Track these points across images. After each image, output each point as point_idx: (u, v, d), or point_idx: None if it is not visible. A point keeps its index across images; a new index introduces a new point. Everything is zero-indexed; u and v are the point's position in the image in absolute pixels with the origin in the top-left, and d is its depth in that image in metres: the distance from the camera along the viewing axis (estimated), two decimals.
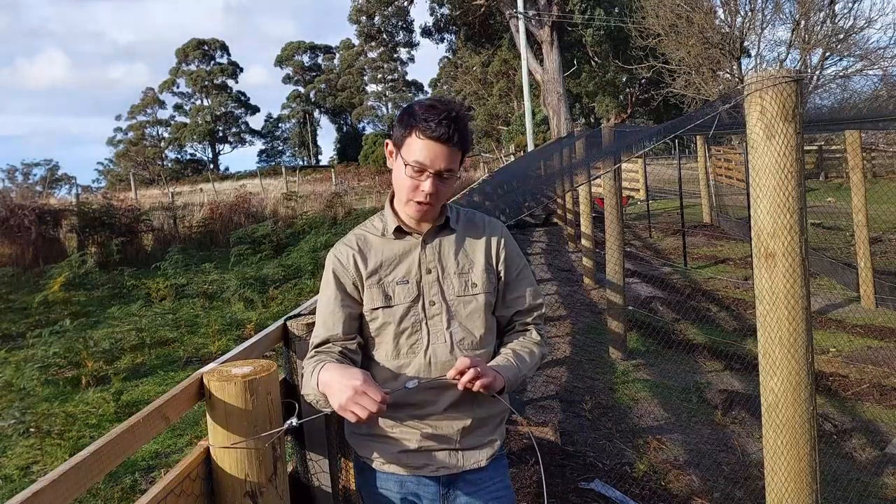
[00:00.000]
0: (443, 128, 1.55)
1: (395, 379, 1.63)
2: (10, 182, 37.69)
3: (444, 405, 1.63)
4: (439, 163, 1.58)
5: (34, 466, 4.49)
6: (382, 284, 1.65)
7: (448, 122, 1.56)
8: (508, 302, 1.74)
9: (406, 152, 1.60)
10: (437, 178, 1.59)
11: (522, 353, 1.69)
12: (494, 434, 1.73)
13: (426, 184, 1.58)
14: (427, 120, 1.56)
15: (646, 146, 4.60)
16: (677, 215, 11.66)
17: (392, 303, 1.64)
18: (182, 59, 64.57)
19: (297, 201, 18.52)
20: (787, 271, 1.88)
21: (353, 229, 1.76)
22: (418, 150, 1.57)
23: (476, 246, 1.71)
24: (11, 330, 8.35)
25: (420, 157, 1.57)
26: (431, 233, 1.68)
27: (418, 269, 1.66)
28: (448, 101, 1.62)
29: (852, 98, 16.02)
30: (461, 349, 1.64)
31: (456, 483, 1.69)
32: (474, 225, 1.74)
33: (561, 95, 26.97)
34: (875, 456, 4.07)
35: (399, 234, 1.68)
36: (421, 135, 1.56)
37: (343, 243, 1.71)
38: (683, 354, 5.92)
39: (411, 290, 1.65)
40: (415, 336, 1.64)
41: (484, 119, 45.43)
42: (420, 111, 1.58)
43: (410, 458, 1.66)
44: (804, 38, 17.91)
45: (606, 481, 3.51)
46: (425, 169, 1.58)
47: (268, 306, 8.44)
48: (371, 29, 37.20)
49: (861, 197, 7.40)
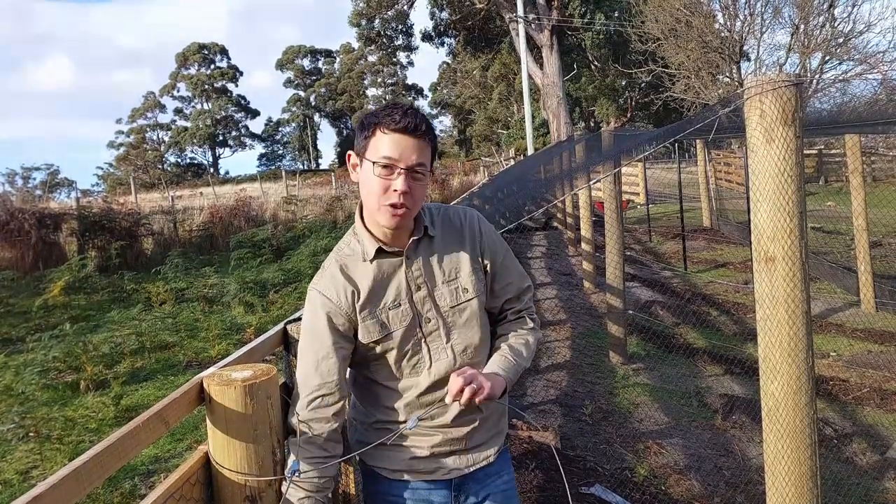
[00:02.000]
0: (408, 117, 1.48)
1: (399, 397, 1.61)
2: (10, 186, 37.66)
3: (453, 415, 1.62)
4: (409, 155, 1.48)
5: (34, 471, 4.48)
6: (376, 314, 1.56)
7: (412, 113, 1.50)
8: (497, 292, 1.70)
9: (372, 152, 1.50)
10: (410, 174, 1.49)
11: (519, 348, 1.67)
12: (499, 425, 1.74)
13: (398, 182, 1.48)
14: (390, 114, 1.49)
15: (646, 150, 4.61)
16: (677, 219, 11.67)
17: (389, 330, 1.57)
18: (182, 63, 64.67)
19: (298, 205, 18.51)
20: (787, 275, 1.88)
21: (330, 257, 1.63)
22: (385, 145, 1.48)
23: (458, 247, 1.64)
24: (11, 334, 8.34)
25: (388, 152, 1.48)
26: (412, 247, 1.59)
27: (408, 289, 1.58)
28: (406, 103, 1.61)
29: (852, 102, 16.04)
30: (464, 358, 1.62)
31: (466, 483, 1.69)
32: (451, 224, 1.66)
33: (561, 99, 27.01)
34: (876, 460, 4.06)
35: (380, 254, 1.57)
36: (386, 129, 1.48)
37: (327, 276, 1.59)
38: (684, 358, 5.91)
39: (405, 312, 1.57)
40: (416, 357, 1.60)
41: (484, 123, 45.50)
42: (380, 110, 1.52)
43: (421, 464, 1.65)
44: (803, 42, 17.95)
45: (607, 486, 3.50)
46: (395, 165, 1.48)
47: (268, 310, 8.44)
48: (371, 33, 37.19)
49: (861, 201, 7.40)
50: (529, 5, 26.06)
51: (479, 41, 33.95)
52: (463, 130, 54.83)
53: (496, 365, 1.63)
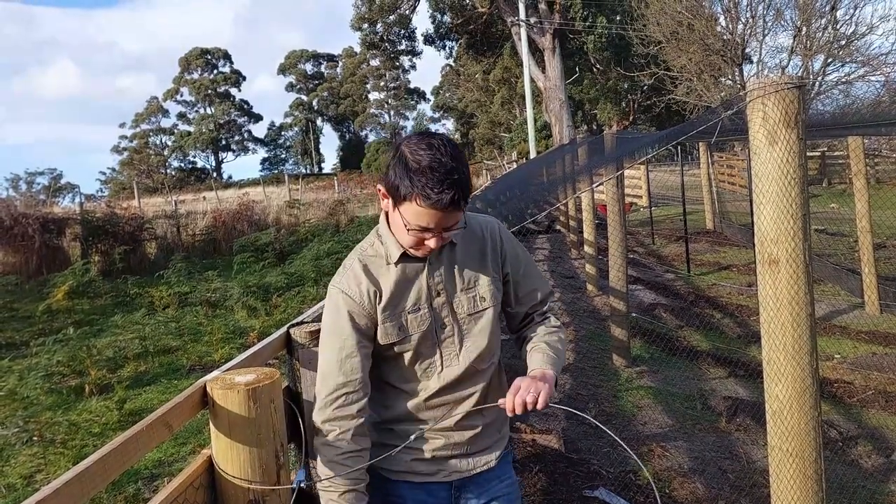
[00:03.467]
0: (446, 196, 1.43)
1: (408, 398, 1.63)
2: (14, 191, 37.83)
3: (457, 419, 1.64)
4: (444, 223, 1.49)
5: (38, 475, 4.49)
6: (396, 316, 1.58)
7: (450, 187, 1.43)
8: (522, 299, 1.73)
9: (407, 214, 1.48)
10: (444, 232, 1.51)
11: (556, 344, 1.67)
12: (502, 431, 1.76)
13: (431, 241, 1.51)
14: (427, 187, 1.43)
15: (648, 153, 4.61)
16: (680, 222, 11.65)
17: (408, 333, 1.59)
18: (185, 67, 64.84)
19: (300, 209, 18.54)
20: (790, 277, 1.87)
21: (352, 256, 1.64)
22: (420, 217, 1.47)
23: (479, 255, 1.66)
24: (15, 338, 8.36)
25: (423, 223, 1.48)
26: (435, 254, 1.60)
27: (428, 294, 1.60)
28: (444, 156, 1.45)
29: (855, 104, 16.02)
30: (473, 366, 1.64)
31: (467, 486, 1.70)
32: (473, 232, 1.67)
33: (563, 102, 27.03)
34: (881, 463, 4.05)
35: (403, 258, 1.59)
36: (422, 203, 1.44)
37: (350, 276, 1.60)
38: (687, 361, 5.90)
39: (424, 317, 1.59)
40: (428, 361, 1.62)
41: (486, 126, 45.49)
42: (417, 175, 1.44)
43: (423, 465, 1.66)
44: (806, 44, 17.94)
45: (611, 489, 3.49)
46: (432, 231, 1.50)
47: (271, 314, 8.45)
48: (373, 37, 37.23)
49: (864, 203, 7.38)
50: (531, 9, 26.12)
51: (481, 45, 33.98)
52: (465, 134, 54.87)
53: (542, 361, 1.61)
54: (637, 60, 22.52)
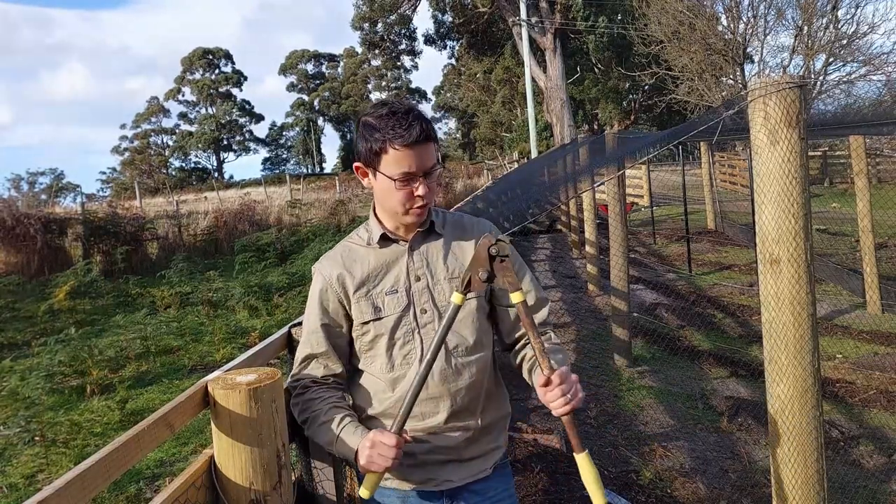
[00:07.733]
0: (413, 129, 1.51)
1: (391, 390, 1.62)
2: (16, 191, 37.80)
3: (445, 415, 1.61)
4: (423, 162, 1.55)
5: (39, 475, 4.49)
6: (371, 296, 1.62)
7: (415, 120, 1.53)
8: None
9: (387, 168, 1.55)
10: (427, 177, 1.57)
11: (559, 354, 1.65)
12: (498, 441, 1.72)
13: (420, 188, 1.56)
14: (395, 128, 1.52)
15: (650, 152, 4.60)
16: (681, 221, 11.64)
17: (382, 314, 1.61)
18: (187, 67, 64.89)
19: (302, 209, 18.53)
20: (792, 277, 1.87)
21: (340, 241, 1.73)
22: (400, 162, 1.53)
23: (466, 248, 1.66)
24: (17, 338, 8.37)
25: (406, 168, 1.53)
26: (418, 238, 1.65)
27: (407, 278, 1.63)
28: (397, 101, 1.59)
29: (856, 103, 16.01)
30: (455, 356, 1.61)
31: (460, 495, 1.66)
32: (462, 227, 1.71)
33: (564, 102, 27.00)
34: (883, 463, 4.04)
35: (385, 241, 1.65)
36: (398, 146, 1.52)
37: (328, 258, 1.69)
38: (689, 361, 5.90)
39: (401, 299, 1.61)
40: (408, 346, 1.61)
41: (487, 126, 45.49)
42: (382, 124, 1.53)
43: (413, 472, 1.63)
44: (807, 43, 17.92)
45: (612, 489, 3.49)
46: (415, 175, 1.55)
47: (272, 314, 8.45)
48: (374, 37, 37.22)
49: (866, 202, 7.37)
50: (532, 9, 26.09)
51: (482, 45, 33.97)
52: (466, 133, 54.87)
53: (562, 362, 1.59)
54: (638, 60, 22.46)
